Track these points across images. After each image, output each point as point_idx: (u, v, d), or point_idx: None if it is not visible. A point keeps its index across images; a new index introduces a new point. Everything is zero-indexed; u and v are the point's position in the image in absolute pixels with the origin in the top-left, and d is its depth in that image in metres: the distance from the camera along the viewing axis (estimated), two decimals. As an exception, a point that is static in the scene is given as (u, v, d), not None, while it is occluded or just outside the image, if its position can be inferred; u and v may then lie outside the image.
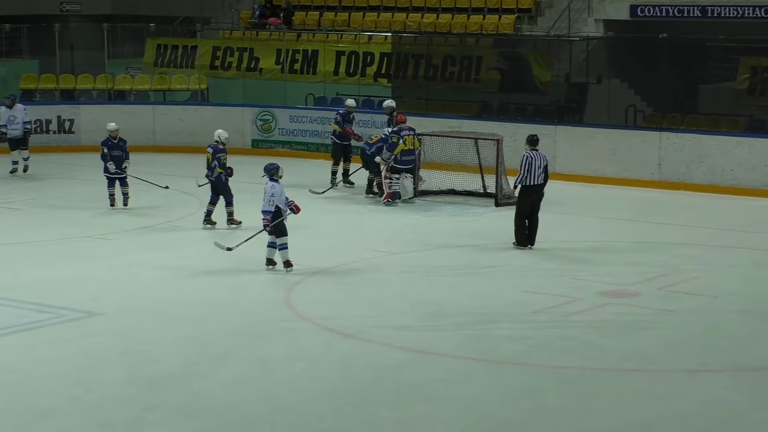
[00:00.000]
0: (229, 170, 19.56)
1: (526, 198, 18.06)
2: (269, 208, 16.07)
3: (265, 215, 16.11)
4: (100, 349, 13.03)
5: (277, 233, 16.21)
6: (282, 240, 16.21)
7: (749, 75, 25.01)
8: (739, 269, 16.94)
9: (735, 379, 12.13)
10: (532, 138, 18.39)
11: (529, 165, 17.95)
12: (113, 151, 21.48)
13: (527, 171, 17.94)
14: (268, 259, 16.38)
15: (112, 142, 21.59)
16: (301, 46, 30.58)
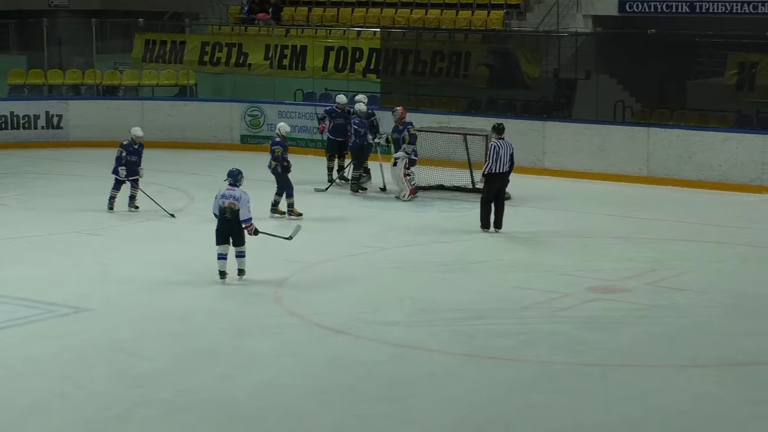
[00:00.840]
0: (286, 163, 19.81)
1: (493, 184, 18.77)
2: (250, 214, 15.42)
3: (249, 222, 15.40)
4: (88, 345, 13.02)
5: (239, 241, 15.47)
6: (242, 247, 15.50)
7: (737, 71, 25.03)
8: (727, 265, 16.98)
9: (722, 375, 12.16)
10: (498, 126, 19.15)
11: (497, 153, 18.70)
12: (130, 156, 20.69)
13: (495, 159, 18.67)
14: (222, 272, 15.45)
15: (132, 148, 20.79)
16: (289, 42, 30.54)
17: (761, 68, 24.65)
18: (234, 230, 15.40)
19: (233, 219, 15.30)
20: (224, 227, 15.41)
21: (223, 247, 15.43)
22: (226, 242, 15.42)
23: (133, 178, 20.60)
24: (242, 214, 15.30)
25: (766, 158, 22.82)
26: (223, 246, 15.43)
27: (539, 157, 24.75)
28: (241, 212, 15.29)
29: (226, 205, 15.32)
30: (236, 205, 15.26)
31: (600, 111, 25.79)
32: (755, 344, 13.18)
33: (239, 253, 15.49)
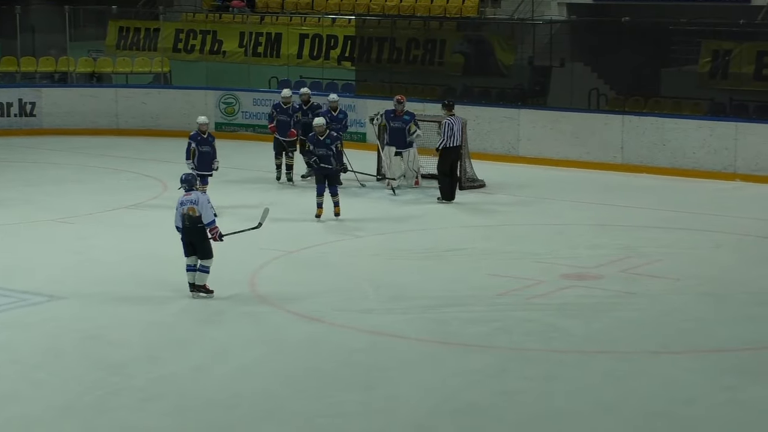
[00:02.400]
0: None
1: (448, 158, 20.29)
2: (213, 216, 14.15)
3: (213, 225, 14.12)
4: (62, 334, 12.99)
5: (205, 254, 14.16)
6: (208, 261, 14.19)
7: (711, 58, 25.12)
8: (701, 252, 17.06)
9: (695, 361, 12.23)
10: (449, 103, 20.73)
11: (451, 129, 20.21)
12: (202, 147, 19.33)
13: (449, 135, 20.18)
14: (192, 284, 14.32)
15: (201, 137, 19.40)
16: (264, 29, 30.49)
17: (735, 56, 24.74)
18: (197, 238, 14.08)
19: (192, 226, 14.03)
20: (187, 237, 14.14)
21: (192, 258, 14.18)
22: (194, 253, 14.17)
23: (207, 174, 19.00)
24: (205, 217, 14.01)
25: (739, 145, 22.92)
26: (191, 257, 14.18)
27: (514, 144, 24.79)
28: (204, 215, 14.00)
29: (185, 212, 14.08)
30: (195, 210, 14.02)
31: (574, 99, 25.84)
32: (728, 331, 13.25)
33: (202, 267, 14.15)
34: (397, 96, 21.90)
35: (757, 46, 24.68)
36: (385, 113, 21.81)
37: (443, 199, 20.22)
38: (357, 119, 26.11)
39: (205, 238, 14.10)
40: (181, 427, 10.43)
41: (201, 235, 14.07)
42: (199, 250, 14.09)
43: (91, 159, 24.85)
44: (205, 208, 14.03)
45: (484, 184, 21.71)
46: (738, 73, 24.65)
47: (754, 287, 15.09)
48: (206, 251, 14.11)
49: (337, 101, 22.42)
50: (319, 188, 18.75)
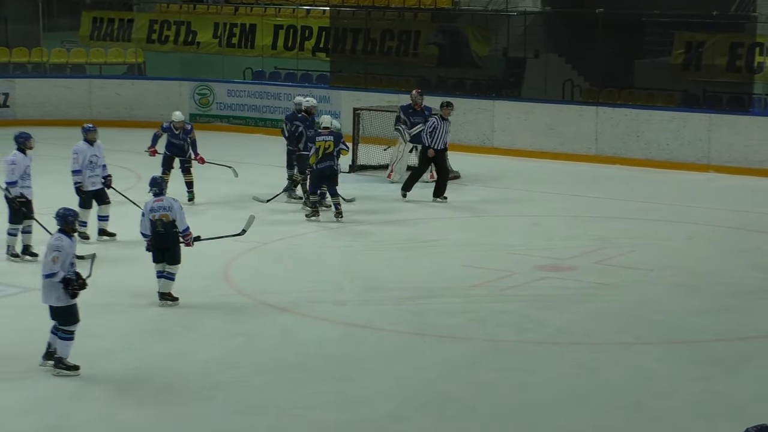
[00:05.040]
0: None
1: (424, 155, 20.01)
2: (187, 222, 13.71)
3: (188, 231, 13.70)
4: (37, 325, 12.92)
5: (174, 260, 13.67)
6: (174, 268, 13.71)
7: (684, 50, 25.23)
8: (674, 243, 17.13)
9: (668, 352, 12.29)
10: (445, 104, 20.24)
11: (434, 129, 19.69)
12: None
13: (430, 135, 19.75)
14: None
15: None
16: (238, 20, 30.45)
17: (708, 48, 24.86)
18: (168, 244, 13.60)
19: (166, 232, 13.54)
20: (158, 243, 13.59)
21: (159, 266, 13.68)
22: (163, 260, 13.67)
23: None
24: (180, 224, 13.54)
25: (712, 137, 23.03)
26: (159, 264, 13.69)
27: (488, 135, 24.85)
28: (179, 222, 13.53)
29: (156, 218, 13.55)
30: (169, 216, 13.52)
31: (549, 90, 25.93)
32: (702, 322, 13.32)
33: (168, 275, 13.66)
34: (416, 89, 21.89)
35: (729, 38, 24.81)
36: (402, 109, 21.50)
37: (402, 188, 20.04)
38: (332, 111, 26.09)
39: (177, 244, 13.69)
40: (156, 418, 10.42)
41: (173, 241, 13.63)
42: (169, 256, 13.62)
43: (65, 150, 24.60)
44: (179, 213, 13.58)
45: (458, 175, 21.73)
46: (711, 64, 24.77)
47: (728, 278, 15.17)
48: (176, 257, 13.64)
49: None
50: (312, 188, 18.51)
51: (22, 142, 15.90)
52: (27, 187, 15.73)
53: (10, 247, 15.69)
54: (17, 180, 15.60)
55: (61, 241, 11.39)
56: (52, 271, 11.26)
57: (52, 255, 11.29)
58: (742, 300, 14.21)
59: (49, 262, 11.28)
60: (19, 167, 15.65)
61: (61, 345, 11.38)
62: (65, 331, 11.36)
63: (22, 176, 15.64)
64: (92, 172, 16.73)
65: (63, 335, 11.36)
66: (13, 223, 15.70)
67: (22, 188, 15.61)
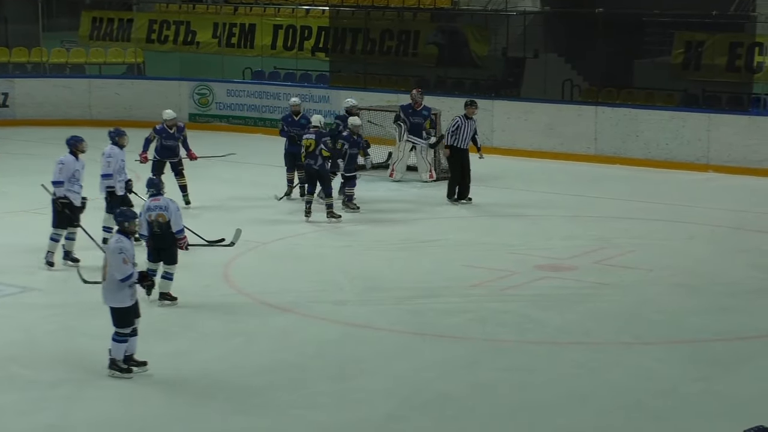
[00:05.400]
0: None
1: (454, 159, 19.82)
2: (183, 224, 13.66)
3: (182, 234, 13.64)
4: (36, 324, 12.96)
5: (171, 260, 13.69)
6: (172, 268, 13.74)
7: (684, 50, 25.23)
8: (674, 243, 17.13)
9: (668, 352, 12.29)
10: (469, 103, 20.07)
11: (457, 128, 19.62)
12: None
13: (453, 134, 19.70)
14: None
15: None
16: (238, 20, 30.43)
17: (707, 47, 24.86)
18: (165, 245, 13.60)
19: (162, 233, 13.53)
20: (154, 243, 13.64)
21: (155, 265, 13.69)
22: (160, 260, 13.70)
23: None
24: (175, 225, 13.51)
25: (711, 137, 23.03)
26: (155, 264, 13.70)
27: (488, 135, 24.79)
28: (174, 223, 13.50)
29: (152, 218, 13.56)
30: (165, 216, 13.50)
31: (548, 90, 25.93)
32: (701, 321, 13.32)
33: (167, 274, 13.71)
34: (416, 88, 21.84)
35: (729, 38, 24.81)
36: (402, 108, 21.47)
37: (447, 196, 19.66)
38: (331, 110, 26.10)
39: (174, 244, 13.68)
40: (156, 418, 10.42)
41: (170, 241, 13.62)
42: (166, 256, 13.65)
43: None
44: (175, 215, 13.53)
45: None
46: (711, 64, 24.77)
47: (727, 278, 15.17)
48: (173, 257, 13.66)
49: (299, 104, 20.36)
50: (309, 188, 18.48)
51: (74, 144, 15.60)
52: (74, 192, 15.28)
53: (50, 253, 15.17)
54: (63, 181, 15.26)
55: (122, 243, 11.35)
56: (127, 273, 11.22)
57: (120, 257, 11.22)
58: (741, 300, 14.22)
59: (121, 266, 11.19)
60: (67, 168, 15.33)
61: (115, 347, 11.36)
62: (119, 333, 11.34)
63: (69, 179, 15.25)
64: (120, 177, 16.35)
65: (116, 337, 11.35)
66: (57, 227, 15.21)
67: (68, 191, 15.20)
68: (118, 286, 11.27)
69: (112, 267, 11.26)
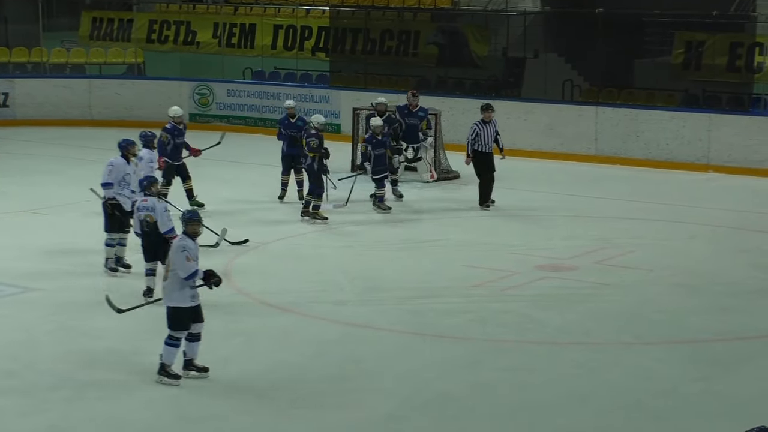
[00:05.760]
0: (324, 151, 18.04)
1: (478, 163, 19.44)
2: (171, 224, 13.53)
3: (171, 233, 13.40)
4: (38, 325, 12.96)
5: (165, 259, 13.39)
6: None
7: (684, 50, 25.22)
8: (675, 243, 17.13)
9: (668, 352, 12.29)
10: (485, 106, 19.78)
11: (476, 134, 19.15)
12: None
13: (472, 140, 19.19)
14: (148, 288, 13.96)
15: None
16: (238, 20, 30.42)
17: (708, 47, 24.85)
18: (157, 244, 13.61)
19: (151, 232, 13.61)
20: (146, 242, 13.79)
21: (151, 264, 13.85)
22: (155, 258, 13.80)
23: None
24: (162, 226, 13.50)
25: (712, 137, 23.02)
26: (152, 263, 13.86)
27: (488, 135, 24.79)
28: (159, 224, 13.51)
29: (142, 218, 13.67)
30: (152, 217, 13.56)
31: (548, 90, 25.91)
32: (702, 321, 13.32)
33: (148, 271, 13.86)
34: (412, 90, 21.72)
35: (730, 37, 24.80)
36: (398, 109, 21.37)
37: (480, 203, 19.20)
38: (331, 110, 26.12)
39: (166, 244, 13.40)
40: (156, 418, 10.43)
41: (161, 241, 13.53)
42: (160, 255, 13.54)
43: (65, 150, 24.79)
44: (161, 216, 13.53)
45: (458, 175, 21.75)
46: (711, 64, 24.76)
47: (728, 278, 15.17)
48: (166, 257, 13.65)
49: (294, 107, 20.10)
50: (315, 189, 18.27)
51: (125, 147, 15.31)
52: (124, 196, 15.02)
53: (108, 260, 14.96)
54: (112, 183, 14.99)
55: (185, 242, 11.24)
56: (191, 270, 11.11)
57: (183, 255, 11.10)
58: (742, 300, 14.22)
59: (184, 263, 11.09)
60: (117, 171, 15.02)
61: (166, 351, 11.20)
62: (171, 336, 11.19)
63: (119, 182, 14.98)
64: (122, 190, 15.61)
65: (169, 341, 11.19)
66: (110, 232, 15.00)
67: (117, 194, 14.96)
68: (180, 285, 11.16)
69: (176, 265, 11.16)
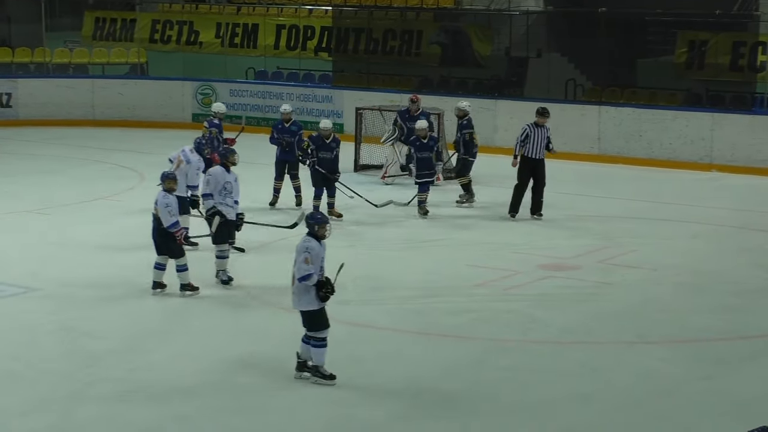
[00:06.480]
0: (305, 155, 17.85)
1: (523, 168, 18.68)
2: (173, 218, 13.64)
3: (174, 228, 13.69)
4: (38, 325, 12.95)
5: (173, 254, 13.89)
6: (181, 260, 13.96)
7: (687, 49, 25.22)
8: (677, 242, 17.11)
9: (671, 351, 12.27)
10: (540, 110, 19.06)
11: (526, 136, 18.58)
12: (284, 135, 19.00)
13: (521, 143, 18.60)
14: (156, 282, 14.09)
15: (282, 126, 19.11)
16: (241, 20, 30.45)
17: (711, 46, 24.85)
18: (161, 238, 13.83)
19: (156, 225, 13.82)
20: (154, 235, 13.94)
21: (161, 258, 13.97)
22: (164, 253, 13.95)
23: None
24: (164, 221, 13.67)
25: (715, 136, 23.01)
26: (161, 256, 13.98)
27: (491, 135, 24.80)
28: (162, 218, 13.69)
29: (153, 212, 13.89)
30: (159, 210, 13.75)
31: (551, 89, 25.90)
32: (705, 321, 13.30)
33: (178, 267, 13.93)
34: (411, 96, 21.62)
35: (732, 37, 24.80)
36: (399, 114, 21.23)
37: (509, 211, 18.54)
38: (334, 110, 26.12)
39: (169, 239, 13.79)
40: (156, 418, 10.41)
41: (164, 236, 13.78)
42: (166, 250, 13.85)
43: (68, 150, 24.80)
44: (162, 211, 13.65)
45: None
46: (714, 63, 24.76)
47: (730, 277, 15.15)
48: (173, 251, 13.83)
49: (290, 112, 19.74)
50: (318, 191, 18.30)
51: (224, 156, 15.07)
52: (226, 206, 14.73)
53: (220, 271, 14.54)
54: (211, 193, 14.64)
55: (310, 243, 11.13)
56: (307, 273, 11.01)
57: (303, 256, 11.03)
58: (745, 299, 14.20)
59: (302, 264, 11.01)
60: (215, 180, 14.63)
61: (315, 353, 11.13)
62: (317, 338, 11.11)
63: (220, 192, 14.63)
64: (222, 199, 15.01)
65: (315, 343, 11.11)
66: (219, 244, 14.60)
67: (219, 204, 14.66)
68: (306, 289, 11.09)
69: (295, 264, 11.13)
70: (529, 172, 18.53)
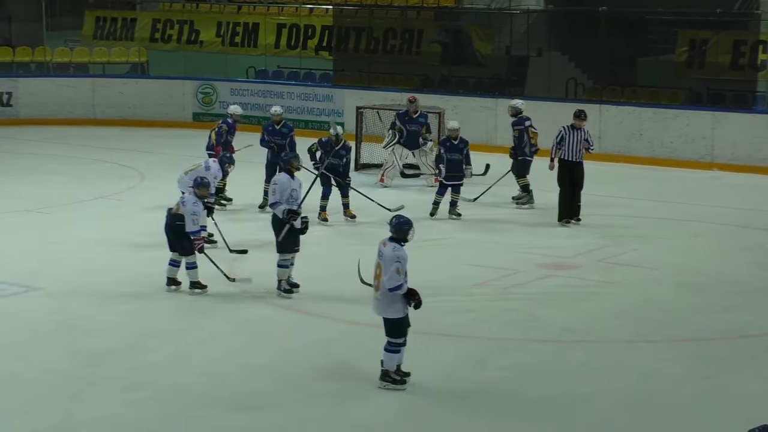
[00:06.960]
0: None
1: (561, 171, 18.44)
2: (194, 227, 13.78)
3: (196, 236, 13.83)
4: (39, 324, 12.95)
5: (183, 251, 13.97)
6: (190, 258, 14.03)
7: (688, 48, 25.22)
8: (678, 241, 17.11)
9: (672, 350, 12.27)
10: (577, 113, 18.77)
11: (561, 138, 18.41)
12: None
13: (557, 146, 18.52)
14: (170, 279, 14.22)
15: (273, 128, 18.92)
16: (241, 19, 30.45)
17: (711, 45, 24.85)
18: (173, 235, 13.97)
19: (170, 222, 13.95)
20: (168, 231, 14.06)
21: (176, 255, 14.07)
22: (175, 249, 14.05)
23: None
24: (187, 226, 13.79)
25: (716, 135, 23.01)
26: (175, 253, 14.07)
27: (492, 134, 24.81)
28: (187, 223, 13.81)
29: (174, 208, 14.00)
30: (181, 208, 13.89)
31: (552, 88, 25.90)
32: (705, 320, 13.30)
33: (188, 265, 14.05)
34: (409, 96, 21.53)
35: (733, 35, 24.80)
36: (398, 116, 21.13)
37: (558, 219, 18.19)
38: (335, 109, 26.12)
39: (183, 236, 13.87)
40: (159, 417, 10.42)
41: (176, 234, 13.89)
42: (178, 247, 13.98)
43: (68, 149, 24.80)
44: (187, 215, 13.74)
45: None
46: (715, 62, 24.76)
47: (732, 276, 15.15)
48: (185, 249, 13.93)
49: (281, 114, 19.42)
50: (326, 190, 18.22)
51: (287, 161, 14.79)
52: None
53: (281, 281, 14.28)
54: (280, 201, 14.27)
55: (399, 251, 11.06)
56: (398, 283, 10.93)
57: (394, 266, 10.94)
58: (746, 298, 14.20)
59: (393, 275, 10.91)
60: (282, 188, 14.31)
61: (387, 357, 11.10)
62: (392, 343, 11.08)
63: (287, 200, 14.34)
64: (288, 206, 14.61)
65: (389, 347, 11.08)
66: (283, 252, 14.29)
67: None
68: (393, 297, 11.02)
69: (385, 273, 11.02)
70: (568, 175, 18.30)
